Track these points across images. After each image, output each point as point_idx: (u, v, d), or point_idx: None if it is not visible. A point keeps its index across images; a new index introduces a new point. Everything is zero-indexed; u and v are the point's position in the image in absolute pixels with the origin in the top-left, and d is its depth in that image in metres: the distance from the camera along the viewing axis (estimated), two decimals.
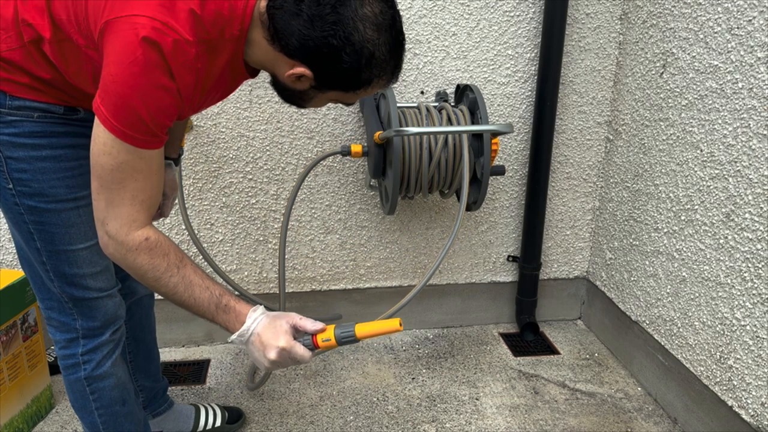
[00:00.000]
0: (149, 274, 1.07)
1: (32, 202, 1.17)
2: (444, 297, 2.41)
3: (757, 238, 1.57)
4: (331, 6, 0.98)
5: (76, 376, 1.34)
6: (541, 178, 2.24)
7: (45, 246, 1.21)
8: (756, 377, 1.59)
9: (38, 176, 1.15)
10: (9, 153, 1.12)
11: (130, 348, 1.62)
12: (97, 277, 1.28)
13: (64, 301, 1.28)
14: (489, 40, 2.11)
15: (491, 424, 1.90)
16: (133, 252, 1.05)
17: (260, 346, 1.08)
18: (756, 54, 1.54)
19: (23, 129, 1.12)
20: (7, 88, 1.10)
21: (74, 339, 1.32)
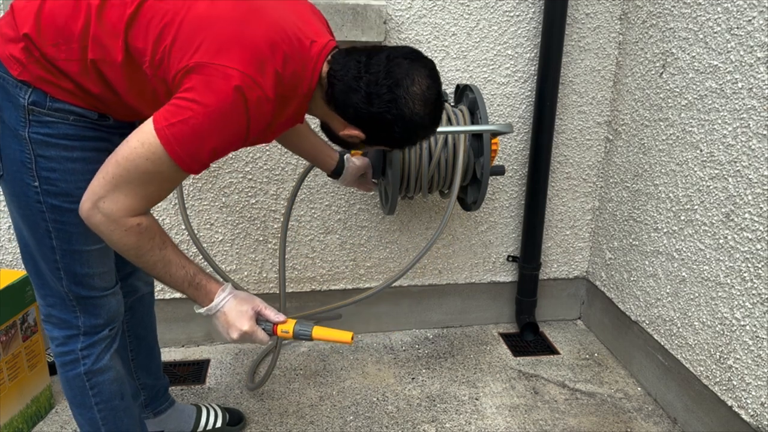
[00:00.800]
0: (132, 251, 1.13)
1: (56, 202, 1.18)
2: (444, 297, 2.41)
3: (757, 238, 1.57)
4: (387, 87, 1.13)
5: (75, 371, 1.34)
6: (540, 178, 2.24)
7: (61, 245, 1.23)
8: (756, 377, 1.59)
9: (67, 176, 1.17)
10: (41, 151, 1.15)
11: (131, 346, 1.62)
12: (104, 276, 1.31)
13: (69, 299, 1.29)
14: (489, 40, 2.11)
15: (491, 424, 1.90)
16: (123, 231, 1.10)
17: (225, 324, 1.21)
18: (756, 54, 1.54)
19: (58, 131, 1.15)
20: (50, 90, 1.12)
21: (74, 336, 1.32)
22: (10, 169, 1.17)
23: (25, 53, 1.10)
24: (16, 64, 1.11)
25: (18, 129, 1.13)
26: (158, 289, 2.18)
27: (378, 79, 1.13)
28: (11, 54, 1.11)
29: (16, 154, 1.15)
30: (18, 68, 1.11)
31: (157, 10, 1.08)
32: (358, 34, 1.93)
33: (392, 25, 2.03)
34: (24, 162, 1.15)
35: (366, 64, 1.14)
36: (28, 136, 1.14)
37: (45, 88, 1.12)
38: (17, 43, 1.11)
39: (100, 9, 1.09)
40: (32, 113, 1.13)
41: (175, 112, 1.04)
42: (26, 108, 1.12)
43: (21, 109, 1.12)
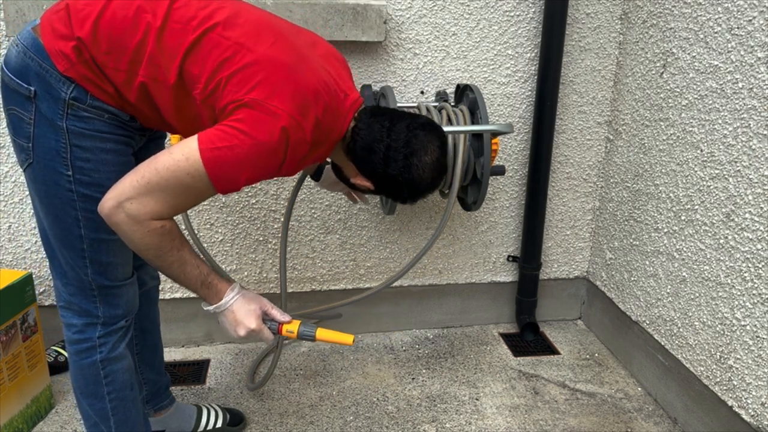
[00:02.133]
0: (151, 251, 1.18)
1: (88, 191, 1.22)
2: (444, 297, 2.41)
3: (757, 238, 1.56)
4: (404, 154, 1.28)
5: (92, 359, 1.36)
6: (541, 178, 2.23)
7: (89, 234, 1.26)
8: (756, 377, 1.59)
9: (100, 167, 1.22)
10: (77, 141, 1.19)
11: (137, 340, 1.63)
12: (125, 266, 1.36)
13: (90, 288, 1.32)
14: (489, 40, 2.11)
15: (491, 424, 1.90)
16: (145, 231, 1.15)
17: (233, 321, 1.28)
18: (756, 54, 1.54)
19: (93, 126, 1.20)
20: (92, 89, 1.17)
21: (92, 324, 1.35)
22: (42, 157, 1.20)
23: (75, 52, 1.15)
24: (63, 61, 1.15)
25: (55, 119, 1.17)
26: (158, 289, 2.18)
27: (398, 146, 1.27)
28: (61, 50, 1.14)
29: (50, 143, 1.18)
30: (65, 64, 1.15)
31: (220, 42, 1.16)
32: (358, 34, 1.93)
33: (392, 24, 2.03)
34: (59, 151, 1.19)
35: (389, 130, 1.28)
36: (65, 127, 1.18)
37: (87, 87, 1.17)
38: (69, 41, 1.14)
39: (160, 31, 1.15)
40: (71, 107, 1.17)
41: (222, 138, 1.12)
42: (66, 102, 1.16)
43: (61, 102, 1.16)
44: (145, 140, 1.40)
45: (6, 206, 2.01)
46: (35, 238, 2.05)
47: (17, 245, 2.05)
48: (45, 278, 2.10)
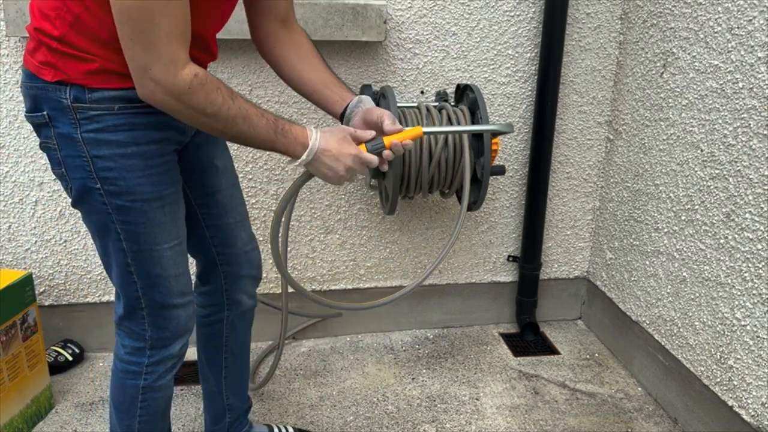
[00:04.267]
0: (208, 110, 1.08)
1: (120, 201, 1.17)
2: (444, 297, 2.41)
3: (758, 238, 1.56)
4: None
5: (134, 383, 1.31)
6: (541, 178, 2.23)
7: (130, 246, 1.20)
8: (756, 377, 1.59)
9: (125, 174, 1.15)
10: (95, 152, 1.14)
11: (227, 363, 1.57)
12: (179, 279, 1.27)
13: (140, 307, 1.26)
14: (489, 40, 2.11)
15: (491, 424, 1.90)
16: (188, 93, 1.05)
17: (333, 158, 1.18)
18: (756, 54, 1.54)
19: (106, 123, 1.13)
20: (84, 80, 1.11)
21: (142, 348, 1.29)
22: (74, 177, 1.17)
23: (47, 52, 1.10)
24: (46, 69, 1.11)
25: (72, 133, 1.13)
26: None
27: None
28: (39, 62, 1.12)
29: (75, 160, 1.15)
30: (50, 72, 1.11)
31: None
32: (358, 34, 1.93)
33: (392, 24, 2.03)
34: (84, 167, 1.15)
35: None
36: (81, 138, 1.13)
37: (80, 81, 1.11)
38: (38, 48, 1.12)
39: None
40: (78, 111, 1.12)
41: None
42: (71, 107, 1.12)
43: (68, 111, 1.12)
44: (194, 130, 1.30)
45: (6, 206, 2.01)
46: (35, 238, 2.05)
47: (17, 245, 2.05)
48: (45, 278, 2.10)
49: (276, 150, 1.18)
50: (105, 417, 1.90)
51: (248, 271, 1.51)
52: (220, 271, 1.47)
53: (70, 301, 2.15)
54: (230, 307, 1.51)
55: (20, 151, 1.96)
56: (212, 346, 1.56)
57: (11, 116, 1.93)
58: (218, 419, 1.63)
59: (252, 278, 1.53)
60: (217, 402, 1.61)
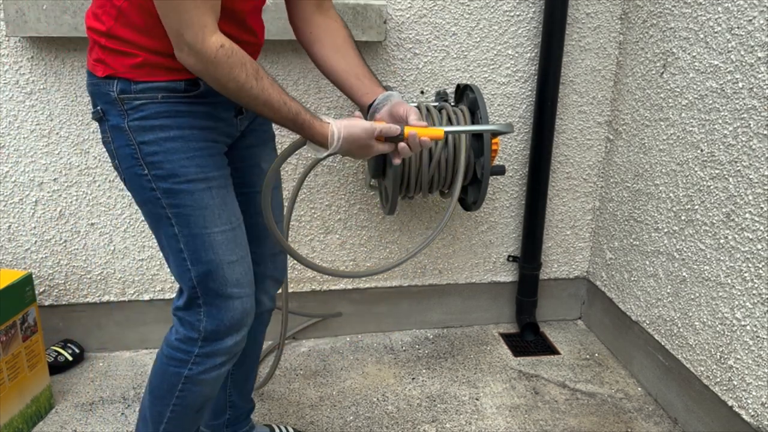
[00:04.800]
0: (230, 85, 1.12)
1: (167, 185, 1.19)
2: (444, 297, 2.41)
3: (758, 238, 1.56)
4: None
5: (178, 370, 1.30)
6: (541, 178, 2.23)
7: (182, 230, 1.22)
8: (756, 377, 1.59)
9: (169, 156, 1.18)
10: (141, 138, 1.18)
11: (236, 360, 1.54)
12: (234, 267, 1.27)
13: (196, 295, 1.26)
14: (489, 40, 2.11)
15: (491, 424, 1.90)
16: (213, 62, 1.09)
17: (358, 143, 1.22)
18: (756, 54, 1.54)
19: (150, 111, 1.17)
20: (131, 74, 1.16)
21: (194, 339, 1.28)
22: (125, 167, 1.22)
23: (99, 50, 1.18)
24: (99, 66, 1.18)
25: (120, 124, 1.18)
26: (157, 290, 2.18)
27: None
28: (93, 60, 1.20)
29: (125, 150, 1.20)
30: (101, 68, 1.18)
31: None
32: (358, 34, 1.93)
33: (392, 24, 2.03)
34: (132, 155, 1.19)
35: None
36: (128, 126, 1.18)
37: (125, 74, 1.16)
38: (92, 47, 1.20)
39: None
40: (124, 102, 1.17)
41: None
42: (118, 98, 1.17)
43: (116, 103, 1.18)
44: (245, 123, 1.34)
45: (6, 206, 2.01)
46: (35, 238, 2.05)
47: (17, 245, 2.05)
48: (45, 278, 2.10)
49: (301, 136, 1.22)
50: (105, 417, 1.90)
51: (273, 272, 1.52)
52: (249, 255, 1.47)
53: (69, 301, 2.15)
54: None
55: (20, 151, 1.96)
56: None
57: (11, 116, 1.93)
58: (218, 414, 1.62)
59: (275, 280, 1.54)
60: (219, 397, 1.60)
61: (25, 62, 1.89)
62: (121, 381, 2.07)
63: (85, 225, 2.07)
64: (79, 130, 1.98)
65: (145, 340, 2.24)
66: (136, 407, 1.94)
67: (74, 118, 1.96)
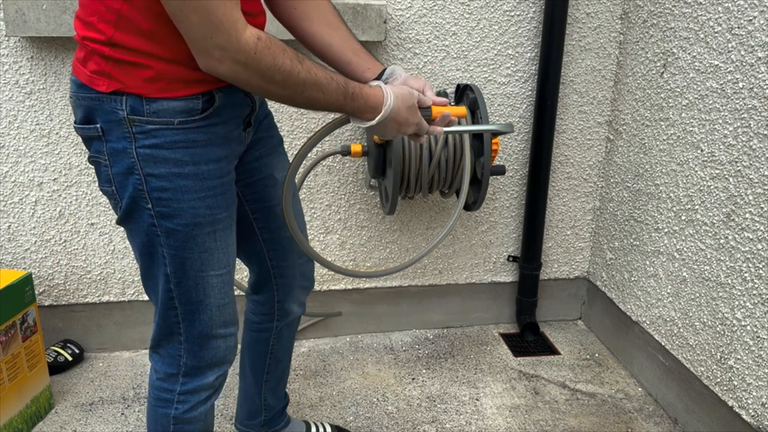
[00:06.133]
0: (276, 76, 1.00)
1: (171, 225, 1.10)
2: (444, 297, 2.41)
3: (758, 238, 1.56)
4: None
5: (165, 411, 1.25)
6: (541, 178, 2.23)
7: (176, 272, 1.14)
8: (756, 377, 1.59)
9: (179, 195, 1.08)
10: (150, 170, 1.06)
11: (269, 368, 1.57)
12: (223, 309, 1.21)
13: (178, 332, 1.20)
14: (489, 40, 2.11)
15: (491, 424, 1.90)
16: (255, 58, 0.97)
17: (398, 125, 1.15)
18: (756, 54, 1.54)
19: (164, 139, 1.05)
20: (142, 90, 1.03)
21: (174, 375, 1.23)
22: (124, 196, 1.10)
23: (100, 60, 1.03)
24: (100, 79, 1.04)
25: (126, 148, 1.05)
26: None
27: None
28: (91, 71, 1.05)
29: (128, 178, 1.07)
30: (104, 81, 1.04)
31: None
32: (358, 34, 1.92)
33: (392, 24, 2.02)
34: (135, 185, 1.08)
35: None
36: (135, 153, 1.05)
37: (137, 90, 1.03)
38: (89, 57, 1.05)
39: None
40: (134, 124, 1.04)
41: None
42: (127, 119, 1.04)
43: (123, 124, 1.04)
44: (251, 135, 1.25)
45: (6, 206, 2.01)
46: (35, 238, 2.05)
47: (17, 245, 2.05)
48: (44, 278, 2.10)
49: (344, 112, 1.13)
50: (105, 417, 1.90)
51: (301, 281, 1.49)
52: (273, 283, 1.44)
53: (69, 302, 2.15)
54: (280, 317, 1.49)
55: (20, 151, 1.96)
56: (258, 351, 1.54)
57: (11, 116, 1.93)
58: (253, 416, 1.63)
59: (304, 288, 1.52)
60: (253, 401, 1.60)
61: (25, 62, 1.89)
62: (120, 381, 2.07)
63: (84, 225, 2.07)
64: None
65: (144, 340, 2.23)
66: (135, 407, 1.94)
67: None
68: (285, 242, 1.40)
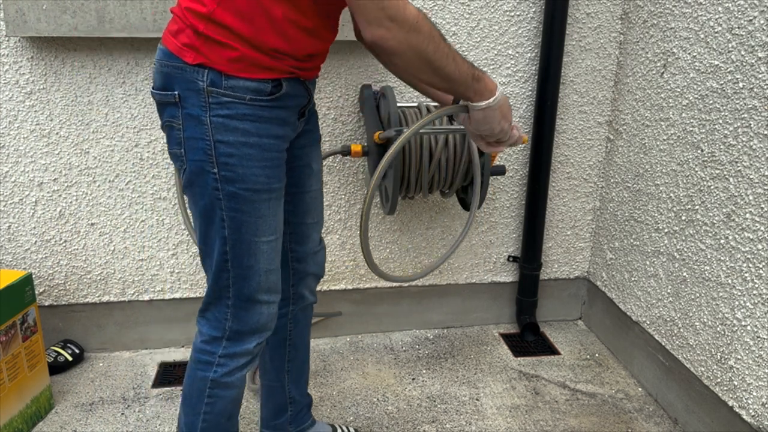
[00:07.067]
0: (429, 48, 1.12)
1: (233, 188, 1.20)
2: (444, 297, 2.41)
3: (758, 239, 1.56)
4: None
5: (204, 374, 1.33)
6: (541, 178, 2.23)
7: (232, 234, 1.23)
8: (756, 377, 1.59)
9: (244, 162, 1.19)
10: (220, 137, 1.17)
11: (290, 356, 1.62)
12: (270, 275, 1.31)
13: (227, 296, 1.29)
14: (489, 40, 2.11)
15: (491, 424, 1.90)
16: (416, 28, 1.10)
17: (501, 114, 1.25)
18: (757, 54, 1.54)
19: (236, 111, 1.17)
20: (223, 66, 1.15)
21: (218, 338, 1.31)
22: (192, 158, 1.20)
23: (192, 34, 1.14)
24: (188, 51, 1.15)
25: (201, 115, 1.17)
26: (157, 290, 2.18)
27: None
28: (182, 43, 1.16)
29: (198, 143, 1.18)
30: (191, 54, 1.15)
31: None
32: None
33: None
34: (205, 149, 1.18)
35: None
36: (209, 121, 1.17)
37: (219, 66, 1.15)
38: (182, 30, 1.16)
39: None
40: (211, 95, 1.16)
41: None
42: (205, 90, 1.15)
43: (201, 93, 1.16)
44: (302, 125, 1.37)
45: (6, 206, 2.01)
46: (35, 238, 2.05)
47: (17, 245, 2.05)
48: (45, 278, 2.10)
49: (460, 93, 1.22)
50: (105, 417, 1.90)
51: (314, 269, 1.57)
52: (290, 267, 1.52)
53: (69, 302, 2.15)
54: (295, 301, 1.57)
55: (20, 151, 1.96)
56: (277, 339, 1.60)
57: (11, 116, 1.93)
58: (280, 413, 1.67)
59: (315, 276, 1.59)
60: (278, 396, 1.65)
61: (25, 62, 1.89)
62: (120, 381, 2.07)
63: (85, 225, 2.07)
64: (79, 130, 1.98)
65: (144, 340, 2.24)
66: (135, 407, 1.94)
67: (74, 118, 1.96)
68: (306, 229, 1.50)
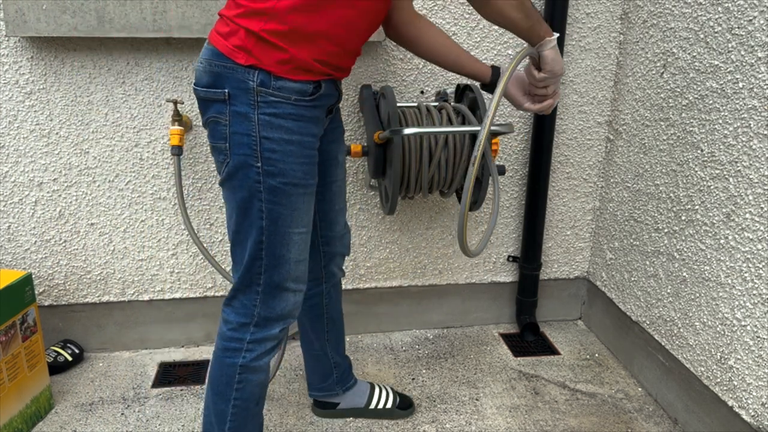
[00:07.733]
0: None
1: (274, 182, 1.28)
2: (444, 297, 2.41)
3: (758, 239, 1.56)
4: None
5: (233, 360, 1.39)
6: (541, 178, 2.23)
7: (269, 225, 1.31)
8: (756, 377, 1.59)
9: (285, 158, 1.27)
10: (265, 133, 1.25)
11: (327, 327, 1.78)
12: (299, 265, 1.39)
13: (257, 283, 1.36)
14: (489, 40, 2.11)
15: (491, 424, 1.90)
16: None
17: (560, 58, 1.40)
18: (756, 54, 1.54)
19: (282, 110, 1.25)
20: (273, 68, 1.23)
21: (246, 325, 1.38)
22: (236, 153, 1.27)
23: (245, 36, 1.22)
24: (240, 53, 1.23)
25: (249, 113, 1.24)
26: (157, 290, 2.18)
27: None
28: (234, 45, 1.23)
29: (243, 138, 1.25)
30: (243, 56, 1.22)
31: None
32: None
33: None
34: (250, 145, 1.26)
35: None
36: (257, 118, 1.24)
37: (269, 68, 1.22)
38: (234, 32, 1.23)
39: None
40: (260, 94, 1.23)
41: None
42: (255, 90, 1.23)
43: (251, 93, 1.23)
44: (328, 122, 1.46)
45: (6, 206, 2.01)
46: (35, 238, 2.05)
47: (17, 245, 2.05)
48: (44, 278, 2.10)
49: (535, 30, 1.35)
50: (105, 417, 1.90)
51: (341, 249, 1.71)
52: (320, 250, 1.66)
53: (69, 302, 2.15)
54: (327, 279, 1.71)
55: (20, 151, 1.96)
56: (315, 315, 1.75)
57: (11, 116, 1.93)
58: (327, 377, 1.84)
59: (342, 255, 1.73)
60: (324, 362, 1.81)
61: (25, 62, 1.89)
62: (120, 381, 2.07)
63: (84, 225, 2.07)
64: (79, 130, 1.98)
65: (144, 340, 2.24)
66: (135, 407, 1.94)
67: (74, 118, 1.96)
68: (334, 215, 1.64)
